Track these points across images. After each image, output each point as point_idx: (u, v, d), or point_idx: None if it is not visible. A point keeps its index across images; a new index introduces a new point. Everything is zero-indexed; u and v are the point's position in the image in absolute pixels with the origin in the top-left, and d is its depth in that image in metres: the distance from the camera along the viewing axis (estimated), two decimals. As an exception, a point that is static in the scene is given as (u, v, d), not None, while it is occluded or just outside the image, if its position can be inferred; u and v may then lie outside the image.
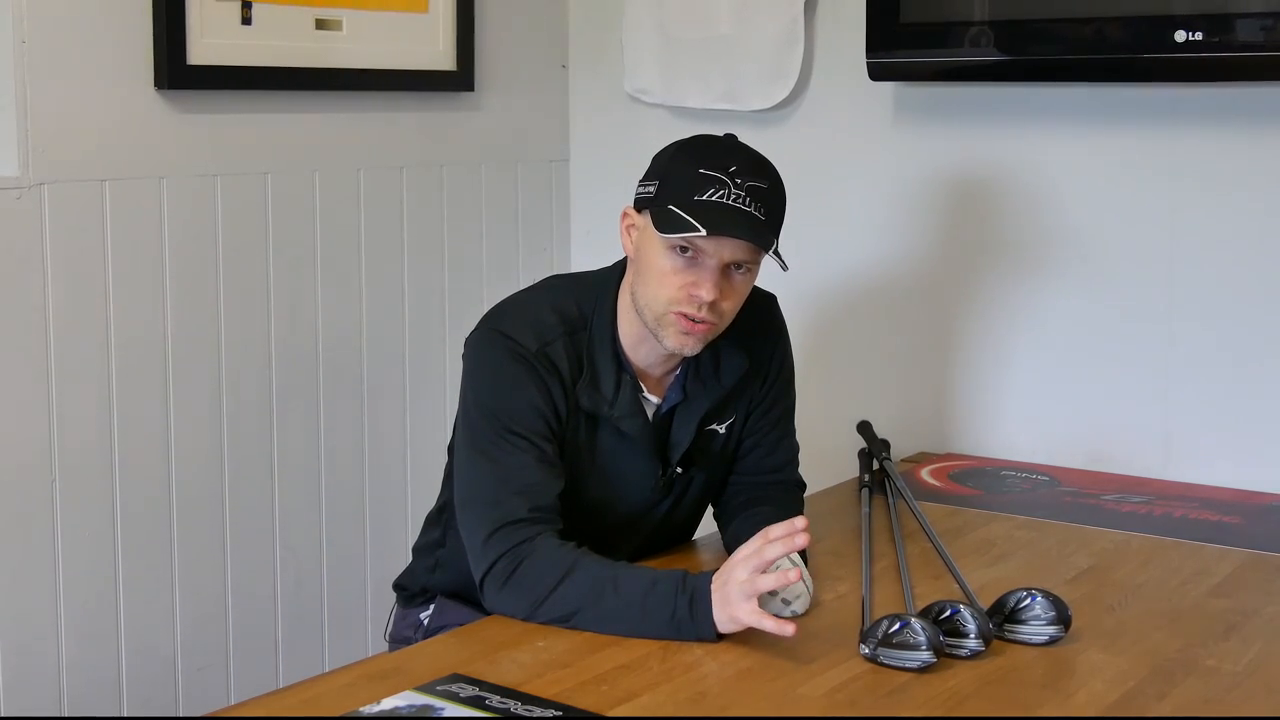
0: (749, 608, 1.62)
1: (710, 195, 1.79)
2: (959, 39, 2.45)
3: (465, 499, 1.85)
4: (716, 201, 1.78)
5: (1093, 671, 1.62)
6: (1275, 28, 2.19)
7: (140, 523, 2.35)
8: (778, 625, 1.60)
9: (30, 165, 2.18)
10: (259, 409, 2.51)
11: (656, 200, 1.82)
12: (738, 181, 1.79)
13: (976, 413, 2.63)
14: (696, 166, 1.81)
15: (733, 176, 1.79)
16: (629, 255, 1.90)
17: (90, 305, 2.26)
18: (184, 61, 2.33)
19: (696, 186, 1.79)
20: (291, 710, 1.52)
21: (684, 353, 1.87)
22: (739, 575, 1.63)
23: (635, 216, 1.88)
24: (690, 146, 1.88)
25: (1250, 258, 2.36)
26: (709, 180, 1.79)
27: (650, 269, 1.84)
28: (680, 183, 1.81)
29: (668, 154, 1.88)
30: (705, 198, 1.78)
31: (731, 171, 1.80)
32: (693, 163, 1.82)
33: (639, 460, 1.94)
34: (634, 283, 1.88)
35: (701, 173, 1.80)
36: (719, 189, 1.79)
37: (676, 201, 1.79)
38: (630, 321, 1.90)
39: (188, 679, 2.43)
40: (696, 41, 2.82)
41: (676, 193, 1.80)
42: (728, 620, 1.65)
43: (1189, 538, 2.11)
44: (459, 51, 2.77)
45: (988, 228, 2.59)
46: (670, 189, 1.81)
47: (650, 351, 1.91)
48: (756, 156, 1.86)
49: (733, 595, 1.63)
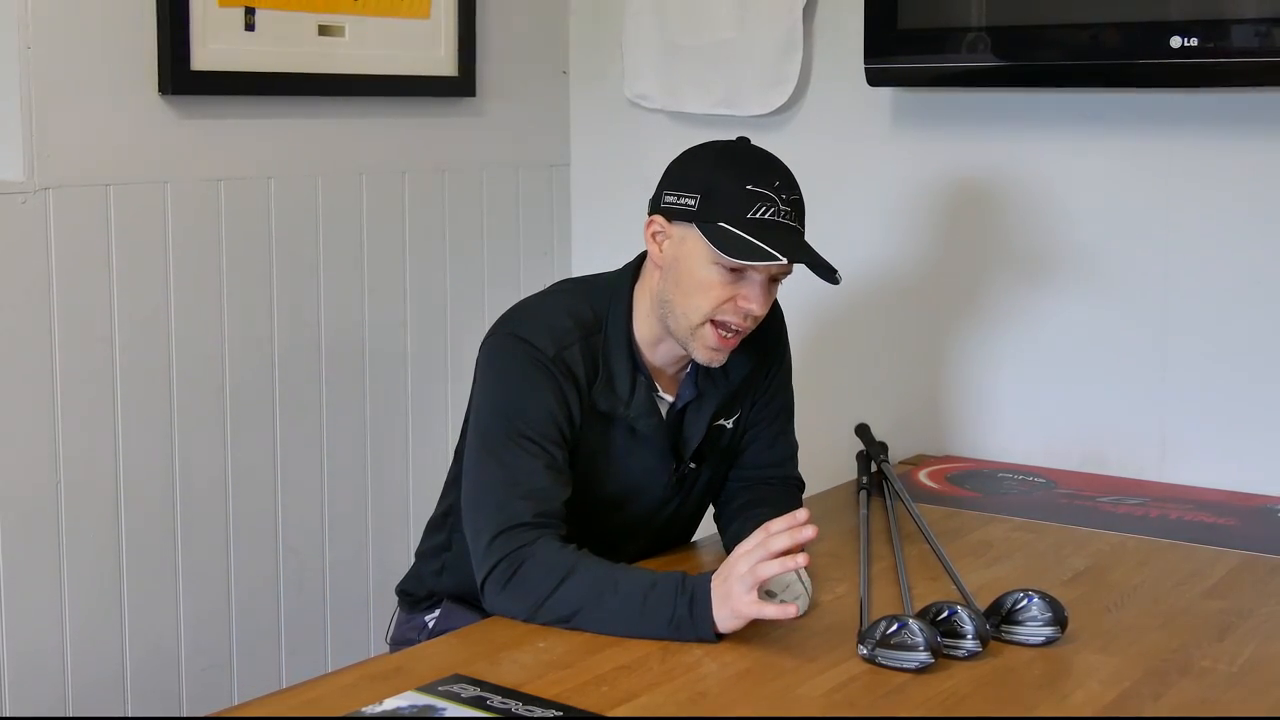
0: (749, 599, 1.63)
1: (761, 213, 1.81)
2: (956, 45, 2.46)
3: (472, 500, 1.86)
4: (771, 220, 1.81)
5: (1089, 672, 1.62)
6: (1270, 33, 2.20)
7: (144, 524, 2.36)
8: (780, 609, 1.61)
9: (35, 170, 2.19)
10: (262, 412, 2.53)
11: (703, 215, 1.83)
12: (783, 197, 1.82)
13: (973, 415, 2.65)
14: (743, 183, 1.82)
15: (778, 192, 1.82)
16: (657, 263, 1.90)
17: (94, 309, 2.28)
18: (188, 67, 2.34)
19: (746, 204, 1.81)
20: (294, 710, 1.53)
21: (710, 365, 1.90)
22: (740, 568, 1.64)
23: (667, 226, 1.87)
24: (729, 159, 1.87)
25: (1245, 262, 2.37)
26: (757, 197, 1.81)
27: (691, 280, 1.84)
28: (729, 199, 1.82)
29: (705, 165, 1.87)
30: (756, 215, 1.80)
31: (776, 187, 1.82)
32: (739, 178, 1.83)
33: (653, 458, 1.96)
34: (665, 290, 1.88)
35: (749, 189, 1.81)
36: (768, 206, 1.81)
37: (729, 219, 1.81)
38: (647, 322, 1.91)
39: (192, 679, 2.44)
40: (696, 47, 2.83)
41: (727, 210, 1.81)
42: (729, 615, 1.65)
43: (1184, 539, 2.12)
44: (460, 57, 2.79)
45: (984, 232, 2.60)
46: (718, 205, 1.82)
47: (666, 352, 1.93)
48: (783, 165, 1.88)
49: (734, 588, 1.64)
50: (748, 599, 1.63)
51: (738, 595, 1.64)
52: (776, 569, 1.62)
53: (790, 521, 1.65)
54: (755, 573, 1.63)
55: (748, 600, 1.63)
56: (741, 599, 1.63)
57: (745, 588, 1.63)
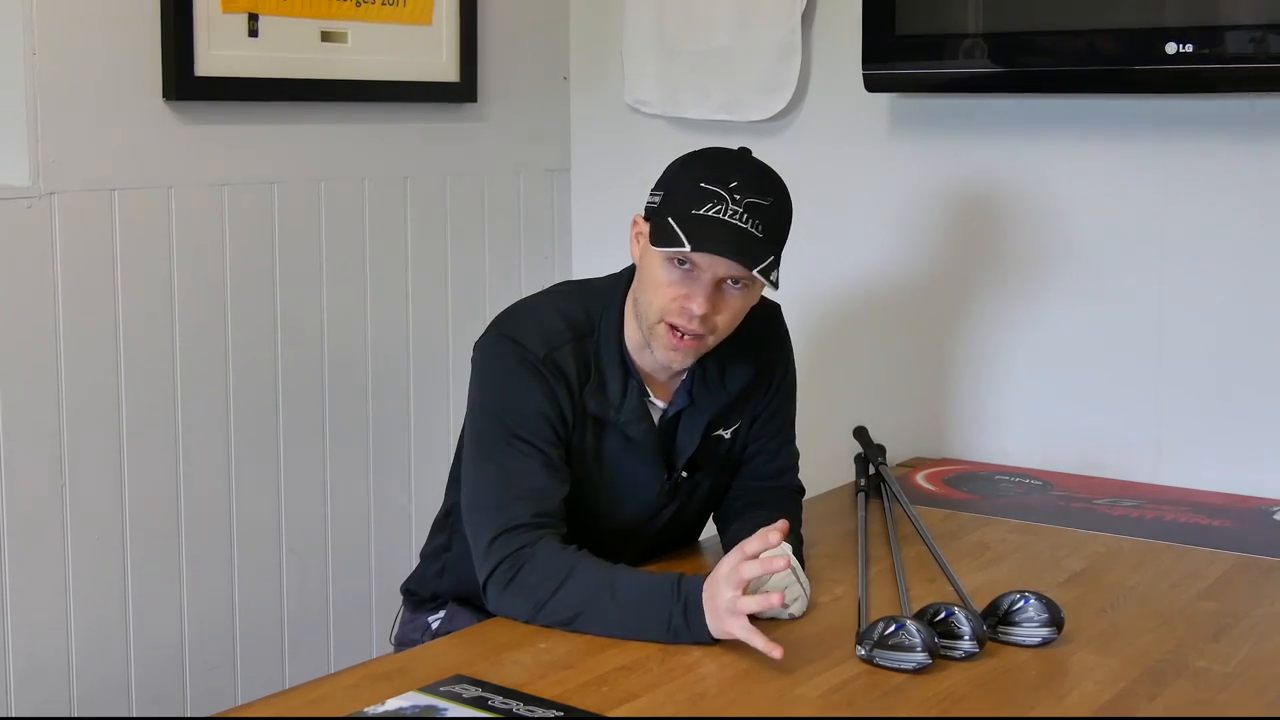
0: (740, 624, 1.63)
1: (707, 210, 1.78)
2: (954, 51, 2.47)
3: (471, 502, 1.86)
4: (712, 217, 1.77)
5: (1085, 673, 1.63)
6: (1265, 39, 2.21)
7: (149, 527, 2.37)
8: (767, 646, 1.60)
9: (40, 175, 2.20)
10: (266, 415, 2.54)
11: (659, 211, 1.82)
12: (736, 198, 1.78)
13: (971, 418, 2.65)
14: (699, 180, 1.80)
15: (732, 192, 1.78)
16: (635, 261, 1.91)
17: (99, 313, 2.29)
18: (191, 73, 2.35)
19: (695, 200, 1.79)
20: (297, 710, 1.54)
21: (673, 366, 1.88)
22: (724, 595, 1.64)
23: (642, 224, 1.88)
24: (697, 159, 1.87)
25: (1240, 266, 2.38)
26: (708, 195, 1.78)
27: (648, 278, 1.85)
28: (681, 195, 1.81)
29: (676, 165, 1.88)
30: (702, 212, 1.78)
31: (732, 187, 1.78)
32: (696, 176, 1.81)
33: (645, 465, 1.95)
34: (635, 288, 1.89)
35: (702, 186, 1.79)
36: (717, 204, 1.78)
37: (675, 214, 1.79)
38: (637, 327, 1.90)
39: (195, 680, 2.45)
40: (695, 54, 2.84)
41: (676, 205, 1.80)
42: (720, 632, 1.66)
43: (1180, 541, 2.12)
44: (462, 63, 2.80)
45: (982, 237, 2.61)
46: (671, 201, 1.81)
47: (653, 357, 1.91)
48: (764, 172, 1.85)
49: (721, 614, 1.65)
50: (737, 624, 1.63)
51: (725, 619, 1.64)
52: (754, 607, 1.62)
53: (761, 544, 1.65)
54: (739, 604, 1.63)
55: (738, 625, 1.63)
56: (731, 623, 1.64)
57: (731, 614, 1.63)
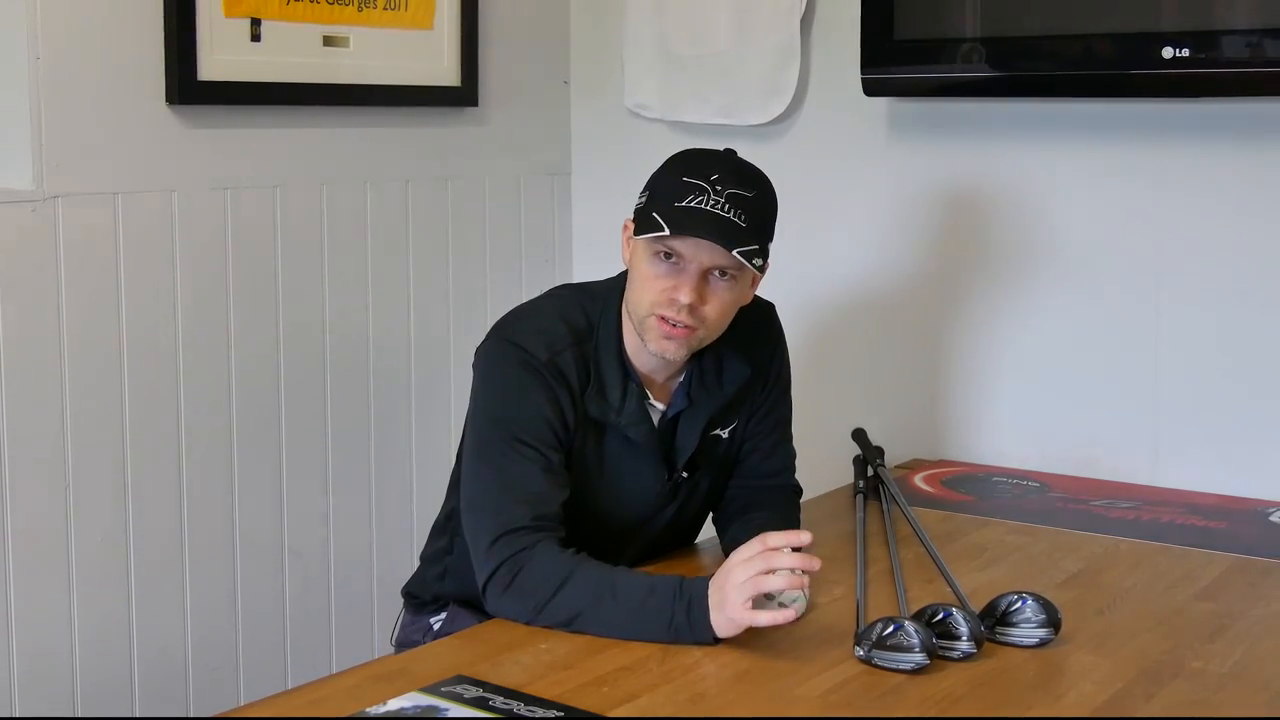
0: (745, 607, 1.63)
1: (689, 201, 1.81)
2: (952, 55, 2.47)
3: (471, 505, 1.87)
4: (694, 207, 1.80)
5: (1082, 673, 1.64)
6: (1261, 44, 2.21)
7: (152, 528, 2.38)
8: (773, 616, 1.61)
9: (44, 179, 2.21)
10: (268, 417, 2.54)
11: (644, 208, 1.86)
12: (718, 189, 1.81)
13: (969, 420, 2.66)
14: (681, 175, 1.84)
15: (714, 184, 1.81)
16: (626, 265, 1.93)
17: (102, 317, 2.30)
18: (194, 77, 2.36)
19: (678, 193, 1.82)
20: (299, 711, 1.54)
21: (666, 357, 1.89)
22: (738, 577, 1.64)
23: (631, 227, 1.91)
24: (681, 157, 1.90)
25: (1236, 269, 2.39)
26: (690, 187, 1.81)
27: (636, 274, 1.88)
28: (664, 190, 1.84)
29: (662, 165, 1.91)
30: (684, 203, 1.81)
31: (714, 179, 1.82)
32: (679, 171, 1.85)
33: (645, 466, 1.96)
34: (627, 288, 1.91)
35: (685, 180, 1.82)
36: (698, 195, 1.81)
37: (658, 207, 1.82)
38: (634, 330, 1.92)
39: (198, 680, 2.46)
40: (695, 58, 2.84)
41: (660, 200, 1.83)
42: (725, 622, 1.66)
43: (1176, 542, 2.13)
44: (463, 68, 2.81)
45: (979, 239, 2.62)
46: (656, 197, 1.85)
47: (653, 358, 1.92)
48: (746, 168, 1.88)
49: (730, 596, 1.64)
50: (742, 607, 1.63)
51: (733, 603, 1.64)
52: (779, 584, 1.62)
53: (789, 538, 1.66)
54: (755, 584, 1.63)
55: (742, 608, 1.63)
56: (736, 607, 1.63)
57: (741, 597, 1.63)
